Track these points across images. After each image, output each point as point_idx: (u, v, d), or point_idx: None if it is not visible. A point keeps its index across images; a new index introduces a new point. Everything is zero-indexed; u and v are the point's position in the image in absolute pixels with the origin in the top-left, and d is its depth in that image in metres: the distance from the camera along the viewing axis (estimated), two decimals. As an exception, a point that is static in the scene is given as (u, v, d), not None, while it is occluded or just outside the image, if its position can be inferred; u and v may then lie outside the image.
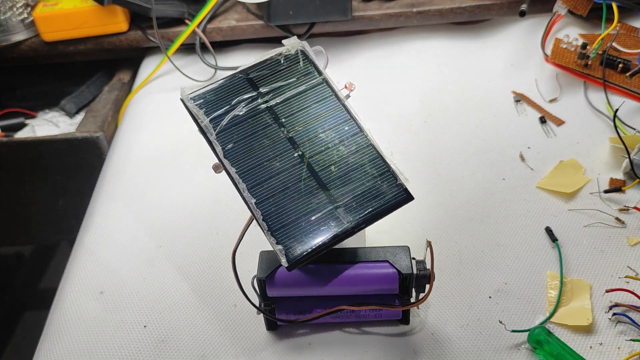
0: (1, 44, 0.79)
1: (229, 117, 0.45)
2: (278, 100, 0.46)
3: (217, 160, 0.44)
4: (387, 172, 0.45)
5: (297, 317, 0.47)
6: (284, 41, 0.48)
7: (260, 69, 0.47)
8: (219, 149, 0.44)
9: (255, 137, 0.45)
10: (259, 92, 0.46)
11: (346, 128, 0.46)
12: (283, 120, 0.46)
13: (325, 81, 0.48)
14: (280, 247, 0.41)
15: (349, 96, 0.48)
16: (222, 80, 0.46)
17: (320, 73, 0.48)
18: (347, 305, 0.46)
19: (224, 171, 0.44)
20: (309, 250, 0.42)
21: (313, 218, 0.43)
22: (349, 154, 0.45)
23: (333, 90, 0.47)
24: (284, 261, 0.41)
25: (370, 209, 0.43)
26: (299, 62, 0.48)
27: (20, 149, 0.73)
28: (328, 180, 0.44)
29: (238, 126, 0.45)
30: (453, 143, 0.66)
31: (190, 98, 0.45)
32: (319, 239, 0.42)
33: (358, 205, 0.43)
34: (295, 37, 0.49)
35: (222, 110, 0.45)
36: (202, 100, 0.45)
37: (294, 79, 0.47)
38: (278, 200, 0.43)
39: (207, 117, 0.44)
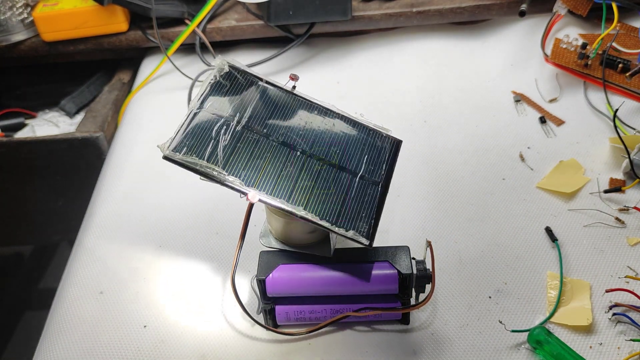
0: (1, 44, 0.79)
1: (221, 149, 0.43)
2: (247, 116, 0.46)
3: (239, 194, 0.42)
4: (371, 131, 0.49)
5: (297, 319, 0.47)
6: (212, 63, 0.48)
7: (212, 98, 0.46)
8: (237, 181, 0.42)
9: (256, 156, 0.44)
10: (226, 117, 0.46)
11: (315, 112, 0.49)
12: (265, 131, 0.46)
13: (268, 82, 0.49)
14: (351, 232, 0.42)
15: (295, 87, 0.49)
16: (188, 121, 0.44)
17: (260, 78, 0.49)
18: (351, 311, 0.46)
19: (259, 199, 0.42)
20: (373, 222, 0.44)
21: (353, 195, 0.44)
22: (334, 131, 0.48)
23: (280, 88, 0.49)
24: (364, 240, 0.42)
25: (384, 164, 0.47)
26: (237, 76, 0.48)
27: (20, 149, 0.73)
28: (338, 160, 0.46)
29: (234, 154, 0.44)
30: (453, 143, 0.66)
31: (173, 150, 0.43)
32: (371, 209, 0.44)
33: (374, 166, 0.47)
34: (219, 55, 0.49)
35: (210, 146, 0.43)
36: (185, 148, 0.43)
37: (245, 92, 0.47)
38: (317, 197, 0.43)
39: (203, 159, 0.43)
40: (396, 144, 0.49)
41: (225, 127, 0.45)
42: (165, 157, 0.43)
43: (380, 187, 0.46)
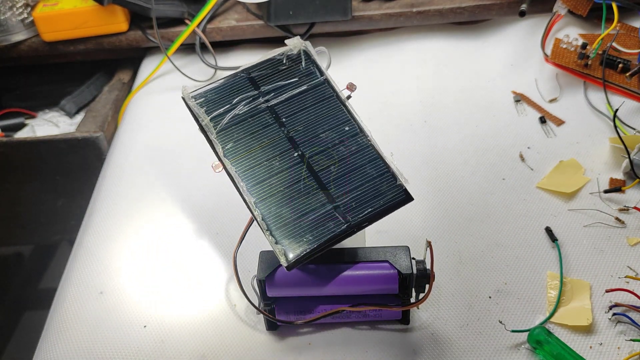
0: (1, 44, 0.79)
1: (230, 116, 0.45)
2: (279, 99, 0.46)
3: (216, 159, 0.44)
4: (386, 173, 0.45)
5: (297, 318, 0.47)
6: (286, 41, 0.48)
7: (262, 69, 0.47)
8: (219, 148, 0.44)
9: (255, 137, 0.45)
10: (260, 91, 0.46)
11: (347, 128, 0.46)
12: (284, 119, 0.46)
13: (327, 81, 0.48)
14: (279, 246, 0.41)
15: (350, 97, 0.48)
16: (223, 79, 0.46)
17: (322, 73, 0.48)
18: (347, 306, 0.46)
19: (223, 170, 0.44)
20: (308, 250, 0.42)
21: (312, 218, 0.43)
22: (349, 154, 0.45)
23: (334, 91, 0.47)
24: (283, 261, 0.41)
25: (370, 209, 0.43)
26: (301, 62, 0.48)
27: (20, 149, 0.73)
28: (328, 181, 0.44)
29: (238, 125, 0.45)
30: (453, 143, 0.66)
31: (192, 97, 0.45)
32: (318, 239, 0.42)
33: (357, 205, 0.43)
34: (298, 37, 0.49)
35: (223, 109, 0.45)
36: (203, 99, 0.45)
37: (296, 79, 0.47)
38: (277, 200, 0.43)
39: (208, 116, 0.44)
40: (400, 200, 0.44)
41: (250, 99, 0.46)
42: (183, 97, 0.46)
43: (346, 227, 0.42)
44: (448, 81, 0.75)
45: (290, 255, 0.41)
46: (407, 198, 0.44)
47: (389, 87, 0.75)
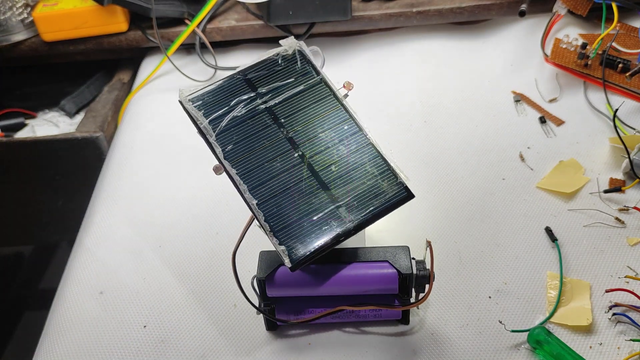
0: (1, 44, 0.79)
1: (228, 119, 0.45)
2: (277, 100, 0.46)
3: (217, 162, 0.44)
4: (387, 171, 0.45)
5: (297, 318, 0.47)
6: (281, 41, 0.48)
7: (258, 70, 0.47)
8: (218, 150, 0.44)
9: (255, 138, 0.45)
10: (258, 93, 0.46)
11: (345, 127, 0.46)
12: (282, 120, 0.46)
13: (323, 81, 0.48)
14: (283, 247, 0.41)
15: (347, 95, 0.48)
16: (220, 82, 0.46)
17: (317, 73, 0.48)
18: (347, 305, 0.46)
19: (224, 173, 0.44)
20: (312, 250, 0.42)
21: (315, 218, 0.43)
22: (349, 153, 0.45)
23: (331, 90, 0.47)
24: (287, 262, 0.41)
25: (372, 208, 0.43)
26: (296, 62, 0.48)
27: (20, 149, 0.73)
28: (329, 180, 0.44)
29: (237, 127, 0.45)
30: (453, 143, 0.66)
31: (189, 100, 0.45)
32: (321, 239, 0.42)
33: (359, 204, 0.43)
34: (293, 37, 0.49)
35: (221, 111, 0.45)
36: (200, 102, 0.45)
37: (292, 79, 0.47)
38: (280, 201, 0.43)
39: (207, 119, 0.44)
40: (402, 197, 0.44)
41: (248, 101, 0.45)
42: (180, 102, 0.45)
43: (350, 226, 0.42)
44: (448, 81, 0.75)
45: (294, 257, 0.41)
46: (408, 195, 0.44)
47: (389, 87, 0.75)
